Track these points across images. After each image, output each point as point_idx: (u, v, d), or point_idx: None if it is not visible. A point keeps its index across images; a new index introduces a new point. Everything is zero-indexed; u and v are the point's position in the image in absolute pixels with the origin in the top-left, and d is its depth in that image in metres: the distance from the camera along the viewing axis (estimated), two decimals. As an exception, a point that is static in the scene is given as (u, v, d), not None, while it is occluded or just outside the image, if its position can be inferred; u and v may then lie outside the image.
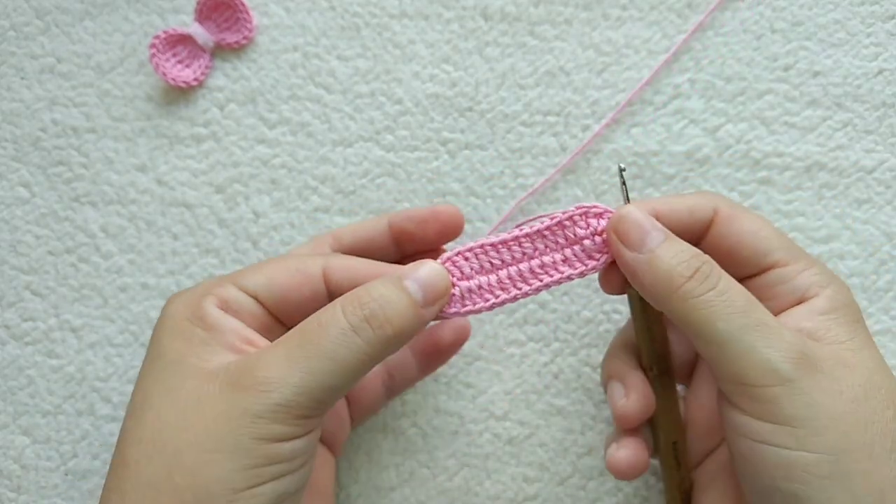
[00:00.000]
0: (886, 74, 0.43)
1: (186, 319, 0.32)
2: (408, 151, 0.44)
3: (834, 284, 0.33)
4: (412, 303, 0.31)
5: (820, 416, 0.28)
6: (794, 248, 0.34)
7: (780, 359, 0.29)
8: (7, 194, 0.45)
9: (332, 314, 0.30)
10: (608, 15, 0.44)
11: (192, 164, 0.44)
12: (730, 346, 0.29)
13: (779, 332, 0.30)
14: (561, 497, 0.42)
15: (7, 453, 0.43)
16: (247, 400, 0.28)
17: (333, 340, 0.29)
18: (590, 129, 0.43)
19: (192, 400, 0.29)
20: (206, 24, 0.44)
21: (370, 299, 0.30)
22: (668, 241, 0.31)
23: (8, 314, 0.44)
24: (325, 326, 0.30)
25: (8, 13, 0.45)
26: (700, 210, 0.33)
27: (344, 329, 0.29)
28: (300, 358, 0.29)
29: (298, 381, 0.29)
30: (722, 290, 0.30)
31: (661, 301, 0.31)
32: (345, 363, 0.29)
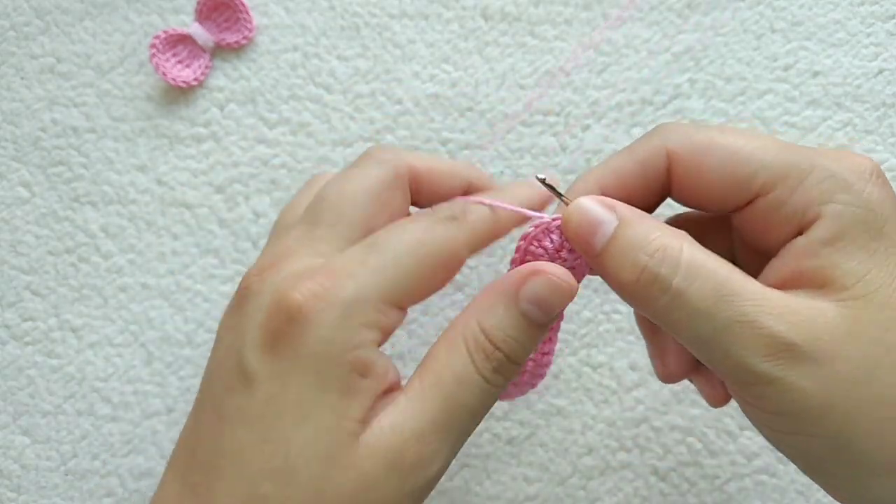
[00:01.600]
0: (886, 74, 0.43)
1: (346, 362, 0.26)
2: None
3: (840, 192, 0.26)
4: (533, 329, 0.28)
5: (812, 406, 0.25)
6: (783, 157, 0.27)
7: (757, 361, 0.25)
8: (7, 194, 0.45)
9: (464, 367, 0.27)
10: (608, 15, 0.44)
11: (192, 164, 0.44)
12: (702, 352, 0.26)
13: (755, 326, 0.25)
14: (561, 497, 0.42)
15: (7, 453, 0.43)
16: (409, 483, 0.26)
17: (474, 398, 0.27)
18: (590, 129, 0.43)
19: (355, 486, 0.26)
20: (206, 24, 0.44)
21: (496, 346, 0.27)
22: (612, 237, 0.26)
23: (8, 314, 0.44)
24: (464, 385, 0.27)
25: (8, 13, 0.45)
26: (651, 161, 0.28)
27: (481, 385, 0.27)
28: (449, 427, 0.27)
29: (450, 450, 0.27)
30: (677, 293, 0.25)
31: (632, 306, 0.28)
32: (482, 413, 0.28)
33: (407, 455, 0.26)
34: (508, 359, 0.27)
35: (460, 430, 0.27)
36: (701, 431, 0.41)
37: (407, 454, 0.26)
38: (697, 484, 0.41)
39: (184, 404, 0.43)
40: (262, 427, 0.26)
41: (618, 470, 0.42)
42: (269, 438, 0.26)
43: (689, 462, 0.41)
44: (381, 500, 0.26)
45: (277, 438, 0.26)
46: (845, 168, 0.26)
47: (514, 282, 0.27)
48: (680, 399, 0.42)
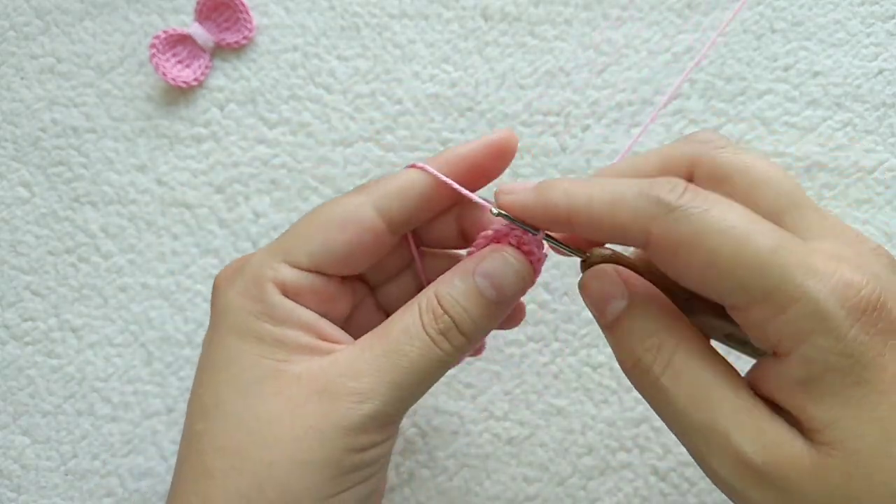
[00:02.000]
0: (886, 74, 0.43)
1: (252, 315, 0.30)
2: (408, 151, 0.44)
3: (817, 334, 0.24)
4: (486, 305, 0.29)
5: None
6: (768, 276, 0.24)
7: (723, 470, 0.25)
8: (7, 194, 0.44)
9: (413, 324, 0.29)
10: (608, 15, 0.44)
11: (192, 164, 0.44)
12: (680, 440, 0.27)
13: (723, 438, 0.25)
14: (561, 497, 0.42)
15: (7, 453, 0.43)
16: (338, 412, 0.28)
17: (417, 353, 0.29)
18: (590, 129, 0.43)
19: (279, 409, 0.28)
20: (206, 24, 0.44)
21: (445, 310, 0.29)
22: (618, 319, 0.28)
23: (8, 314, 0.44)
24: (407, 336, 0.29)
25: (8, 13, 0.45)
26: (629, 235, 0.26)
27: (425, 342, 0.29)
28: (387, 369, 0.29)
29: (387, 391, 0.28)
30: (663, 388, 0.26)
31: None
32: (426, 373, 0.29)
33: (337, 385, 0.28)
34: (457, 326, 0.29)
35: (401, 380, 0.29)
36: (701, 431, 0.41)
37: (337, 384, 0.28)
38: (697, 484, 0.41)
39: (184, 404, 0.43)
40: (199, 379, 0.30)
41: (618, 470, 0.41)
42: (202, 384, 0.30)
43: (689, 462, 0.41)
44: (308, 426, 0.28)
45: (208, 383, 0.30)
46: (834, 300, 0.24)
47: (474, 259, 0.30)
48: (680, 399, 0.42)
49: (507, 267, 0.30)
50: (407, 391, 0.29)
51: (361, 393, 0.28)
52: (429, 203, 0.31)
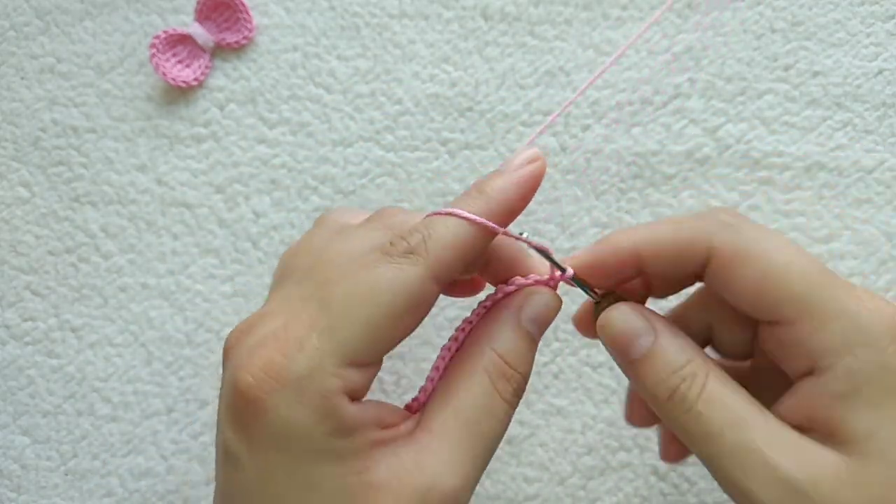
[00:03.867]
0: (886, 74, 0.43)
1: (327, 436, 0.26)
2: (408, 151, 0.44)
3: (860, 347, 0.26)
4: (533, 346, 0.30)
5: None
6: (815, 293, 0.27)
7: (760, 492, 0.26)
8: (7, 194, 0.45)
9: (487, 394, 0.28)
10: (608, 15, 0.44)
11: (192, 164, 0.44)
12: (712, 469, 0.27)
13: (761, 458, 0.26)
14: (561, 497, 0.42)
15: (7, 453, 0.43)
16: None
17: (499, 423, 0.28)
18: (590, 129, 0.43)
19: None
20: (206, 24, 0.44)
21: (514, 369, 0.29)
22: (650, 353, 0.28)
23: (8, 314, 0.44)
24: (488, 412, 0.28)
25: (8, 13, 0.45)
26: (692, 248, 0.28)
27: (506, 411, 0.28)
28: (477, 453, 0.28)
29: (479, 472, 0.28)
30: (697, 415, 0.27)
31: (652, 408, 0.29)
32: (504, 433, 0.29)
33: (437, 486, 0.26)
34: (524, 377, 0.29)
35: (486, 457, 0.28)
36: (701, 431, 0.41)
37: (437, 486, 0.26)
38: (697, 484, 0.41)
39: (183, 404, 0.43)
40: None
41: (618, 470, 0.42)
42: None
43: (690, 462, 0.41)
44: None
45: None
46: (874, 320, 0.26)
47: (514, 306, 0.30)
48: (680, 399, 0.42)
49: (549, 308, 0.30)
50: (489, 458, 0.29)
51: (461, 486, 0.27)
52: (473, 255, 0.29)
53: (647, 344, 0.28)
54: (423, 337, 0.43)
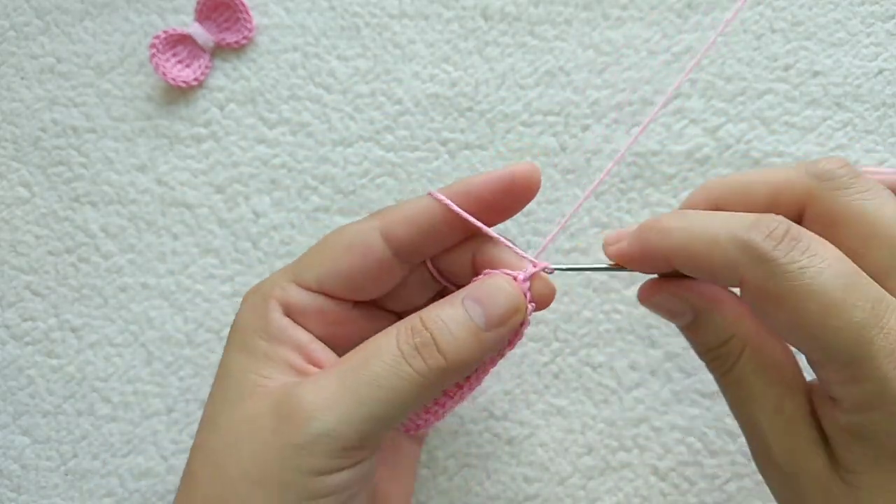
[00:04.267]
0: (886, 74, 0.43)
1: (253, 330, 0.30)
2: (408, 151, 0.44)
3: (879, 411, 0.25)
4: (472, 329, 0.28)
5: None
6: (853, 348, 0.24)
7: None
8: (7, 194, 0.44)
9: (386, 340, 0.28)
10: (608, 15, 0.44)
11: (192, 164, 0.44)
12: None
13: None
14: (561, 497, 0.42)
15: (7, 453, 0.43)
16: (289, 430, 0.27)
17: (384, 367, 0.27)
18: (590, 129, 0.43)
19: (246, 423, 0.28)
20: (206, 24, 0.44)
21: (425, 326, 0.28)
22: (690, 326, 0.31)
23: (8, 314, 0.44)
24: (377, 352, 0.28)
25: (8, 13, 0.45)
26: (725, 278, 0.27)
27: (395, 356, 0.27)
28: (348, 385, 0.27)
29: (344, 409, 0.27)
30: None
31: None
32: (394, 392, 0.27)
33: (293, 401, 0.27)
34: (435, 343, 0.28)
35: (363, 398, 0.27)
36: (701, 431, 0.41)
37: (293, 400, 0.27)
38: (697, 484, 0.41)
39: (184, 404, 0.43)
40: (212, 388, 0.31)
41: (618, 470, 0.42)
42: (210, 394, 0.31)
43: (689, 462, 0.41)
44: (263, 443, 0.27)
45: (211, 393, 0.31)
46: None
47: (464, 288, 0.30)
48: (680, 399, 0.42)
49: (497, 291, 0.29)
50: (371, 411, 0.27)
51: (313, 410, 0.27)
52: (439, 232, 0.30)
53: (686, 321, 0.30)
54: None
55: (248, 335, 0.30)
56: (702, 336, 0.30)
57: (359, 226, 0.31)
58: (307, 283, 0.31)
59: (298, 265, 0.31)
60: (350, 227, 0.31)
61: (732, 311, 0.29)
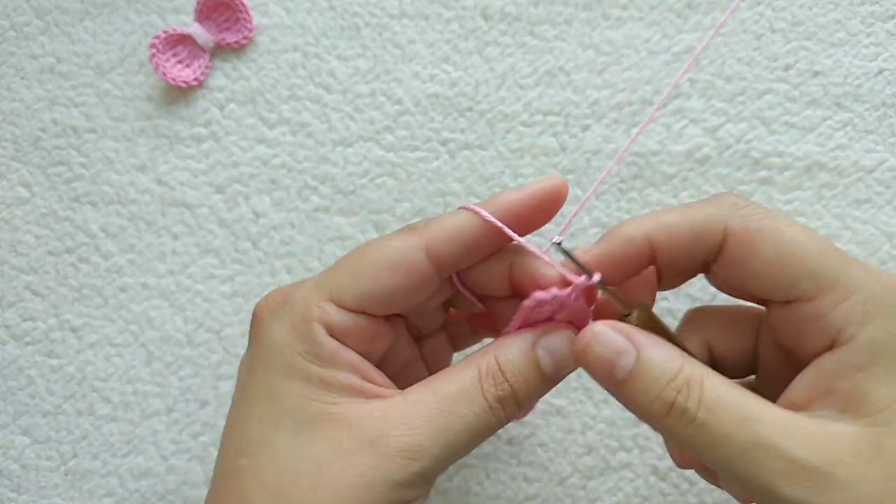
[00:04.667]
0: (886, 74, 0.43)
1: (298, 353, 0.29)
2: (408, 151, 0.44)
3: (880, 317, 0.26)
4: (542, 380, 0.29)
5: None
6: (832, 269, 0.27)
7: (780, 485, 0.25)
8: (7, 194, 0.45)
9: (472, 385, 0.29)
10: (608, 15, 0.44)
11: (192, 164, 0.44)
12: (729, 476, 0.27)
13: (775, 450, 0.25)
14: (561, 497, 0.42)
15: (7, 453, 0.43)
16: (390, 467, 0.27)
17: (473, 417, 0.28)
18: (590, 129, 0.43)
19: (329, 454, 0.28)
20: (206, 24, 0.44)
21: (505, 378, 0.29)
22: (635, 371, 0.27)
23: (8, 314, 0.44)
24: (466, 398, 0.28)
25: (8, 13, 0.45)
26: (707, 235, 0.28)
27: (483, 407, 0.28)
28: (441, 429, 0.28)
29: (439, 451, 0.28)
30: (701, 423, 0.26)
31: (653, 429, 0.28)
32: (478, 436, 0.29)
33: (392, 439, 0.27)
34: (514, 394, 0.29)
35: (453, 441, 0.28)
36: (701, 431, 0.41)
37: (392, 438, 0.28)
38: (697, 484, 0.41)
39: (184, 404, 0.43)
40: (239, 412, 0.30)
41: (618, 470, 0.42)
42: (244, 418, 0.29)
43: (689, 462, 0.41)
44: (359, 476, 0.27)
45: (250, 417, 0.29)
46: (889, 293, 0.27)
47: (535, 331, 0.30)
48: (680, 399, 0.42)
49: (568, 346, 0.29)
50: (456, 451, 0.29)
51: (415, 451, 0.28)
52: (478, 247, 0.30)
53: (630, 361, 0.27)
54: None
55: (295, 359, 0.29)
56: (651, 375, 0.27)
57: (400, 243, 0.30)
58: (346, 303, 0.29)
59: (332, 281, 0.30)
60: (391, 245, 0.30)
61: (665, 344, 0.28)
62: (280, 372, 0.29)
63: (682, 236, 0.29)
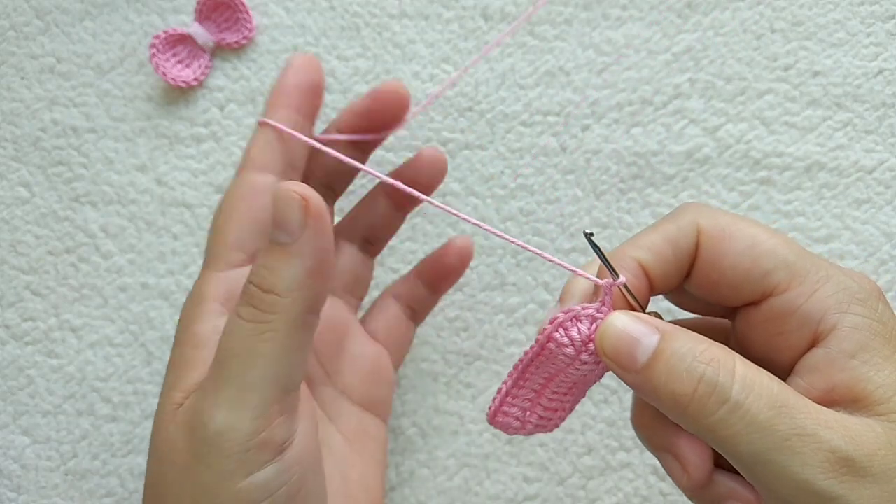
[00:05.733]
0: (886, 74, 0.43)
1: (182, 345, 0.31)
2: (408, 151, 0.44)
3: (855, 304, 0.26)
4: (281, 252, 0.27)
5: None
6: (801, 261, 0.27)
7: (819, 478, 0.24)
8: (7, 194, 0.45)
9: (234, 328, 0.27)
10: (608, 15, 0.44)
11: (192, 164, 0.44)
12: (759, 469, 0.24)
13: (815, 440, 0.24)
14: (561, 497, 0.42)
15: (7, 453, 0.43)
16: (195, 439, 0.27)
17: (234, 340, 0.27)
18: (590, 129, 0.43)
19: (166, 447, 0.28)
20: (206, 24, 0.44)
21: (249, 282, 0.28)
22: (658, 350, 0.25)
23: (8, 314, 0.44)
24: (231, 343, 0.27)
25: (8, 13, 0.45)
26: (682, 239, 0.27)
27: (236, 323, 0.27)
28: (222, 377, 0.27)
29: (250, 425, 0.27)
30: (736, 405, 0.24)
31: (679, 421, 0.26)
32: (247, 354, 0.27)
33: (189, 412, 0.28)
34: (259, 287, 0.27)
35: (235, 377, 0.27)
36: (701, 431, 0.41)
37: (190, 411, 0.28)
38: (697, 484, 0.41)
39: (184, 404, 0.43)
40: None
41: (618, 470, 0.42)
42: None
43: (689, 462, 0.41)
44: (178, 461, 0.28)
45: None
46: (857, 284, 0.26)
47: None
48: (680, 399, 0.42)
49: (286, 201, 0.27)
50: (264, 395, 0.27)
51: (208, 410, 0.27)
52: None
53: (651, 346, 0.25)
54: (422, 337, 0.43)
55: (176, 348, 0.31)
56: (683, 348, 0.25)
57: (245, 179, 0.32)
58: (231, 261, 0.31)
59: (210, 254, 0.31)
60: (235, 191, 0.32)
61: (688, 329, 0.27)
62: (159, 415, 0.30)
63: (664, 252, 0.28)
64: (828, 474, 0.24)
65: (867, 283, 0.27)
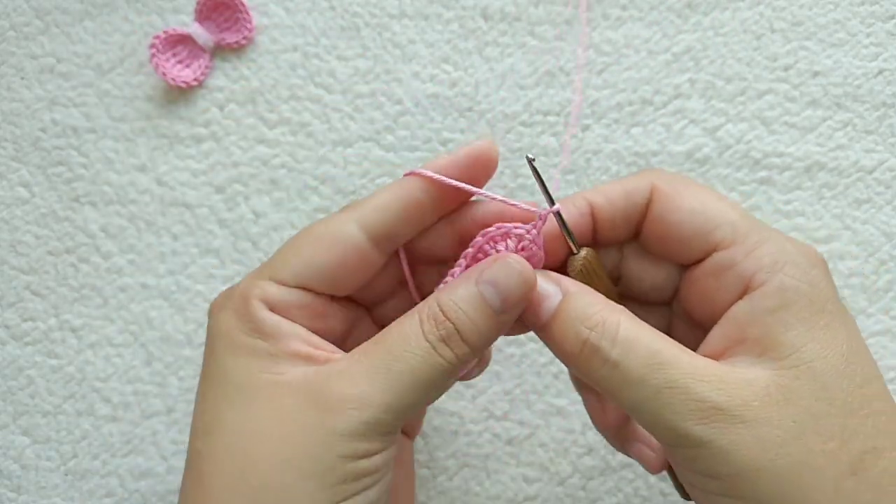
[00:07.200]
0: (886, 74, 0.43)
1: (243, 333, 0.30)
2: (408, 151, 0.44)
3: (790, 265, 0.28)
4: (490, 314, 0.29)
5: (742, 470, 0.26)
6: (745, 222, 0.29)
7: (689, 424, 0.26)
8: (7, 194, 0.45)
9: (412, 329, 0.29)
10: (608, 15, 0.44)
11: (192, 164, 0.44)
12: (638, 416, 0.28)
13: (684, 392, 0.27)
14: (561, 497, 0.42)
15: (7, 453, 0.43)
16: (332, 419, 0.27)
17: (416, 360, 0.28)
18: (590, 129, 0.43)
19: (272, 420, 0.28)
20: (206, 24, 0.44)
21: (446, 316, 0.29)
22: (557, 310, 0.29)
23: (8, 314, 0.44)
24: (406, 342, 0.29)
25: (8, 13, 0.45)
26: (637, 192, 0.31)
27: (425, 349, 0.28)
28: (383, 376, 0.28)
29: (381, 399, 0.28)
30: (614, 364, 0.27)
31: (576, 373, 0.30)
32: (427, 381, 0.28)
33: (332, 390, 0.28)
34: (459, 332, 0.29)
35: (399, 388, 0.28)
36: (701, 431, 0.41)
37: (332, 390, 0.28)
38: (697, 484, 0.41)
39: (184, 404, 0.43)
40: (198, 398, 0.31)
41: (618, 470, 0.42)
42: (200, 402, 0.30)
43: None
44: (300, 432, 0.28)
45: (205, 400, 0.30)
46: (797, 249, 0.29)
47: (478, 268, 0.30)
48: (680, 399, 0.42)
49: (511, 272, 0.29)
50: (405, 399, 0.28)
51: (357, 400, 0.28)
52: (418, 213, 0.31)
53: (553, 303, 0.29)
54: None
55: (240, 338, 0.30)
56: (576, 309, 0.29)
57: (334, 219, 0.31)
58: (284, 280, 0.31)
59: (271, 263, 0.31)
60: (325, 222, 0.31)
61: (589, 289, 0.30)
62: (228, 353, 0.30)
63: (617, 199, 0.31)
64: (696, 421, 0.26)
65: (809, 251, 0.29)
